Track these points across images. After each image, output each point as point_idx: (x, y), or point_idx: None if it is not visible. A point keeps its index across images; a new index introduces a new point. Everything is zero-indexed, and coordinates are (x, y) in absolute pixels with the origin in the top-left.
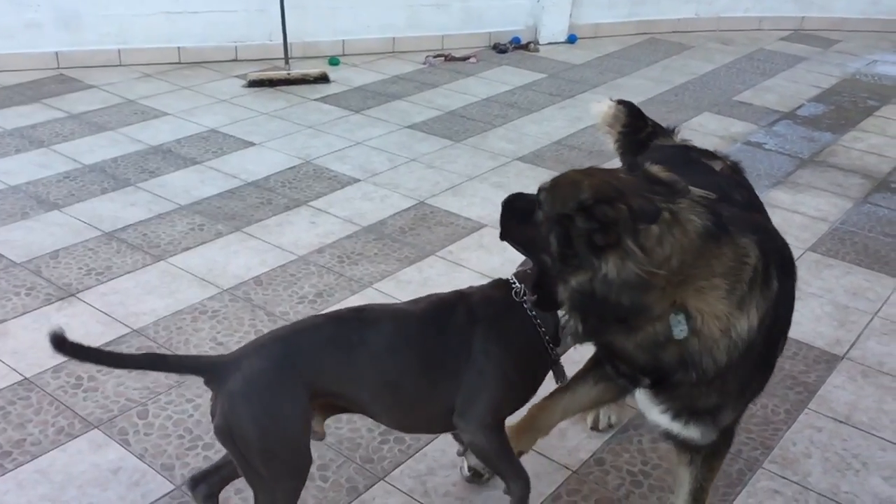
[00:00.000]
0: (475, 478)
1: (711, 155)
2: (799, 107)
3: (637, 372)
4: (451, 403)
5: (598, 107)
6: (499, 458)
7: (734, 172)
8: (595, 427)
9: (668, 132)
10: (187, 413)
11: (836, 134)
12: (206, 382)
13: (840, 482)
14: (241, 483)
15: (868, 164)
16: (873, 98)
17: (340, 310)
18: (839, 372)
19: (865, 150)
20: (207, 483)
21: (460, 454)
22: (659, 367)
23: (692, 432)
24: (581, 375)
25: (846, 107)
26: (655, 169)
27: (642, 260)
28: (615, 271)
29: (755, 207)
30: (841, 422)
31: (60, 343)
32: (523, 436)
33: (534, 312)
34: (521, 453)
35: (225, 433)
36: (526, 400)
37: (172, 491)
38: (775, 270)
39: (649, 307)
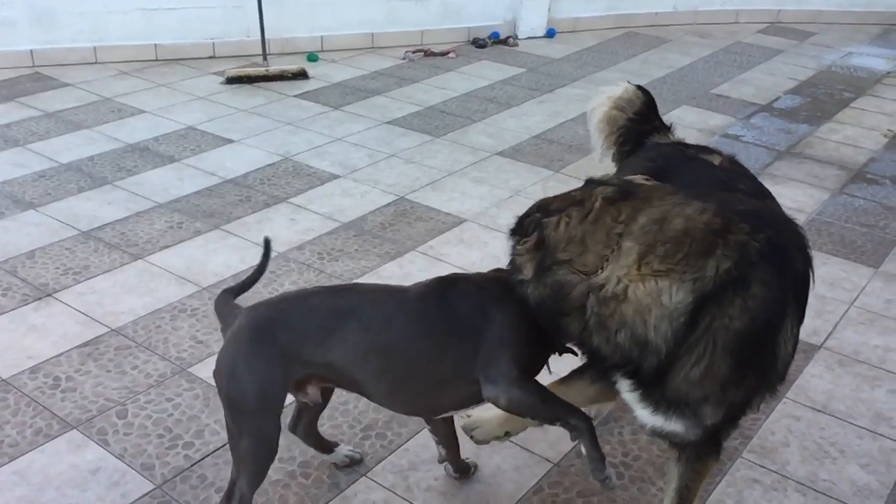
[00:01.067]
0: (461, 474)
1: (708, 150)
2: (776, 99)
3: (613, 369)
4: (462, 372)
5: (611, 89)
6: (545, 403)
7: (733, 164)
8: None
9: (668, 129)
10: (167, 412)
11: (812, 126)
12: (222, 330)
13: (818, 470)
14: (222, 482)
15: (844, 156)
16: (849, 90)
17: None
18: (817, 361)
19: (841, 141)
20: (301, 425)
21: (441, 461)
22: (626, 357)
23: (675, 426)
24: (579, 371)
25: (822, 99)
26: (598, 175)
27: (522, 245)
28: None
29: (763, 195)
30: (818, 410)
31: (267, 244)
32: (512, 418)
33: None
34: (508, 434)
35: (214, 378)
36: (539, 369)
37: (153, 490)
38: (738, 248)
39: (567, 284)
